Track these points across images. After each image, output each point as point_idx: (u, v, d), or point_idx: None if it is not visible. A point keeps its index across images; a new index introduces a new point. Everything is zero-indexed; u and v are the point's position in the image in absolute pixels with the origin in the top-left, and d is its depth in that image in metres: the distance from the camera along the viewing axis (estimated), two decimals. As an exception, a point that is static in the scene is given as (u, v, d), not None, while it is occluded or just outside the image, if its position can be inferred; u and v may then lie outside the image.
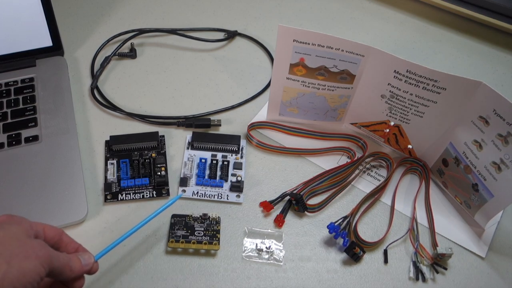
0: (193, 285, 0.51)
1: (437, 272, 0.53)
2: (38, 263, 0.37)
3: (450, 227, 0.56)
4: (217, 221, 0.54)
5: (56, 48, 0.68)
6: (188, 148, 0.61)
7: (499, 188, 0.51)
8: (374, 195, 0.58)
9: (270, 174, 0.60)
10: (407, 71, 0.52)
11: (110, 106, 0.65)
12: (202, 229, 0.53)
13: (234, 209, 0.57)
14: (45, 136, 0.59)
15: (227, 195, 0.57)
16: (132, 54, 0.72)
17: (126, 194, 0.56)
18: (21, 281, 0.36)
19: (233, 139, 0.61)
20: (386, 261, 0.53)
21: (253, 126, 0.64)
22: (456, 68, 0.74)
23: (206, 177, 0.58)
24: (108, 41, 0.73)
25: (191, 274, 0.51)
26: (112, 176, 0.58)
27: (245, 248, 0.54)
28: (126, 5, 0.80)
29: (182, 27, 0.76)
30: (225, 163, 0.60)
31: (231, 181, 0.58)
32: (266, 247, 0.54)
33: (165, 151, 0.61)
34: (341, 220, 0.55)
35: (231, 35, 0.75)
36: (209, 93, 0.68)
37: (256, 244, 0.54)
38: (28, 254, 0.37)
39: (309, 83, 0.58)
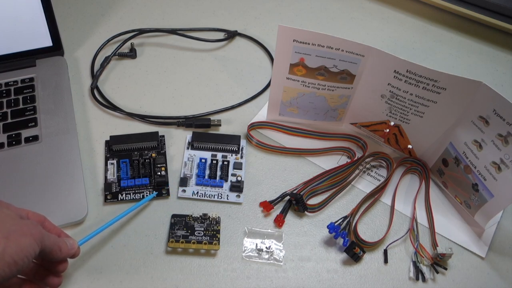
0: (193, 285, 0.51)
1: (437, 272, 0.53)
2: (32, 240, 0.40)
3: (450, 227, 0.56)
4: (217, 221, 0.54)
5: (56, 48, 0.68)
6: (188, 148, 0.61)
7: (499, 188, 0.51)
8: (374, 195, 0.58)
9: (270, 174, 0.60)
10: (407, 71, 0.52)
11: (110, 106, 0.65)
12: (202, 229, 0.53)
13: (234, 209, 0.57)
14: (45, 136, 0.59)
15: (227, 195, 0.57)
16: (132, 54, 0.72)
17: (126, 194, 0.56)
18: (19, 255, 0.38)
19: (233, 139, 0.61)
20: (386, 261, 0.53)
21: (253, 126, 0.64)
22: (456, 68, 0.74)
23: (206, 177, 0.58)
24: (108, 41, 0.73)
25: (191, 274, 0.51)
26: (112, 176, 0.58)
27: (245, 248, 0.53)
28: (126, 5, 0.80)
29: (182, 27, 0.76)
30: (225, 163, 0.60)
31: (231, 181, 0.58)
32: (266, 247, 0.53)
33: (165, 151, 0.60)
34: (341, 220, 0.55)
35: (231, 35, 0.75)
36: (209, 93, 0.68)
37: (256, 244, 0.54)
38: (23, 231, 0.40)
39: (309, 83, 0.58)
